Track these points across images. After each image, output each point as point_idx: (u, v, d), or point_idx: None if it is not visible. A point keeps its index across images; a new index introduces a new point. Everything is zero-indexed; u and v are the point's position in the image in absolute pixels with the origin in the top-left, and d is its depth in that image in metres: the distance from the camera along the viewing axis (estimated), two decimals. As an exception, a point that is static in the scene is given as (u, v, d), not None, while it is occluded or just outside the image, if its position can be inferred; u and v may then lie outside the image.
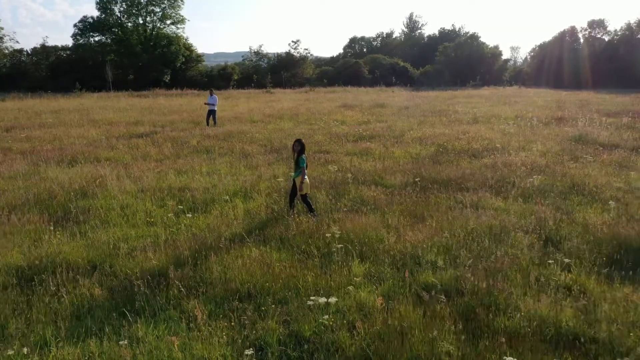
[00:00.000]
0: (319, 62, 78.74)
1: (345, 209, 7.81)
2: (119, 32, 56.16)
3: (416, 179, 9.27)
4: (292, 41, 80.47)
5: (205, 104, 21.14)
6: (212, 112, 20.58)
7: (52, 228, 6.76)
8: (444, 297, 4.69)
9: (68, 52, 56.35)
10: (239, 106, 30.54)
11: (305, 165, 7.70)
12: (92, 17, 55.91)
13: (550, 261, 5.48)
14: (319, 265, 5.65)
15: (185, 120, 22.37)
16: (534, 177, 9.73)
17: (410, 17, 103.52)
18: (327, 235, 6.18)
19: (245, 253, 5.93)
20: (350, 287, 4.94)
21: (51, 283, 5.08)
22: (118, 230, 6.93)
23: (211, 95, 20.83)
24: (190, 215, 7.27)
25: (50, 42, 73.29)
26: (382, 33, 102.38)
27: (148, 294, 4.88)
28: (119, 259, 5.81)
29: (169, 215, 7.38)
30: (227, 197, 8.44)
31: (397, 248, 6.09)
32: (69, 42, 57.21)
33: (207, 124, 20.45)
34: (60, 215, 7.42)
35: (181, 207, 7.76)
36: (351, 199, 8.40)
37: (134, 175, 10.25)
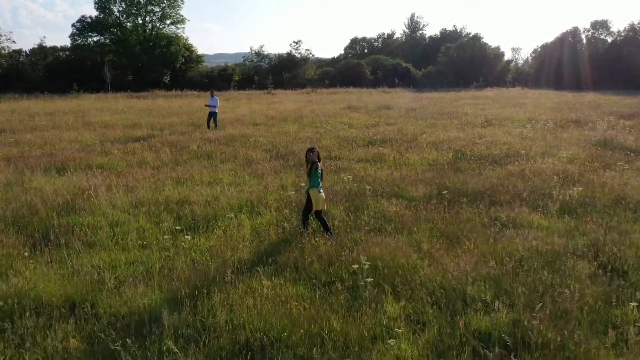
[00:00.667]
0: (320, 63, 77.75)
1: (366, 228, 6.83)
2: (118, 32, 55.17)
3: (443, 192, 8.27)
4: (294, 41, 79.38)
5: (205, 105, 20.18)
6: (212, 115, 19.62)
7: (27, 254, 5.76)
8: (512, 357, 3.70)
9: (67, 53, 55.33)
10: (240, 108, 29.59)
11: (320, 176, 6.74)
12: (90, 17, 54.96)
13: (634, 304, 4.48)
14: (344, 303, 4.67)
15: (185, 122, 21.41)
16: (573, 189, 8.75)
17: (412, 18, 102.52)
18: (354, 266, 5.18)
19: (256, 287, 4.96)
20: (392, 341, 3.95)
21: (13, 335, 4.09)
22: (105, 255, 5.94)
23: (212, 96, 19.86)
24: (189, 237, 6.28)
25: (51, 43, 71.72)
26: (383, 34, 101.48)
27: (136, 348, 3.89)
28: (103, 295, 4.83)
29: (164, 237, 6.37)
30: (232, 214, 7.45)
31: (437, 280, 5.11)
32: (68, 43, 56.05)
33: (208, 127, 19.48)
34: (39, 237, 6.42)
35: (179, 227, 6.71)
36: (372, 215, 7.41)
37: (128, 186, 9.27)
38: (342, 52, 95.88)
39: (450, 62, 72.44)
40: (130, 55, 54.10)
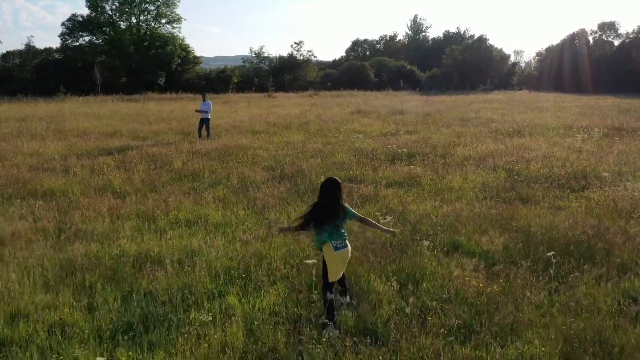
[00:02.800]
0: (321, 65, 75.09)
1: (443, 330, 3.99)
2: (111, 32, 52.38)
3: (550, 254, 5.32)
4: (295, 42, 76.50)
5: (196, 111, 17.35)
6: (205, 121, 16.81)
7: None
8: None
9: (62, 55, 52.42)
10: (238, 112, 26.82)
11: (354, 216, 4.23)
12: (81, 16, 52.17)
13: None
14: None
15: (174, 130, 18.61)
16: None
17: (415, 20, 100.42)
18: None
19: None
20: None
21: None
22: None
23: (204, 101, 17.05)
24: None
25: (49, 44, 68.18)
26: (386, 36, 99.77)
27: None
28: None
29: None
30: (214, 290, 4.63)
31: None
32: (59, 43, 53.02)
33: (200, 136, 16.68)
34: None
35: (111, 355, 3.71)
36: (440, 297, 4.58)
37: (69, 230, 6.43)
38: (344, 54, 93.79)
39: (455, 65, 70.03)
40: (124, 56, 51.30)
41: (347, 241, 4.23)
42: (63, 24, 51.82)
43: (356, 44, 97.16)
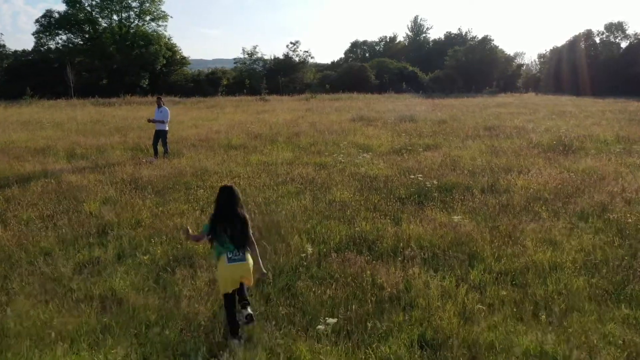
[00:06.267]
0: (319, 67, 71.10)
1: None
2: (90, 30, 48.32)
3: None
4: (291, 42, 72.32)
5: (149, 121, 13.24)
6: (161, 134, 12.77)
7: None
8: None
9: (37, 55, 48.32)
10: (220, 119, 22.78)
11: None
12: (58, 13, 48.11)
13: None
14: None
15: (126, 144, 14.51)
16: None
17: (415, 21, 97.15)
18: None
19: None
20: None
21: None
22: None
23: (159, 107, 12.97)
24: None
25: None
26: (385, 37, 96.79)
27: None
28: None
29: None
30: None
31: None
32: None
33: (155, 153, 12.65)
34: None
35: None
36: None
37: None
38: (343, 56, 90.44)
39: (458, 66, 66.41)
40: (104, 56, 47.19)
41: (247, 255, 3.98)
42: (37, 20, 47.75)
43: (355, 45, 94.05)
